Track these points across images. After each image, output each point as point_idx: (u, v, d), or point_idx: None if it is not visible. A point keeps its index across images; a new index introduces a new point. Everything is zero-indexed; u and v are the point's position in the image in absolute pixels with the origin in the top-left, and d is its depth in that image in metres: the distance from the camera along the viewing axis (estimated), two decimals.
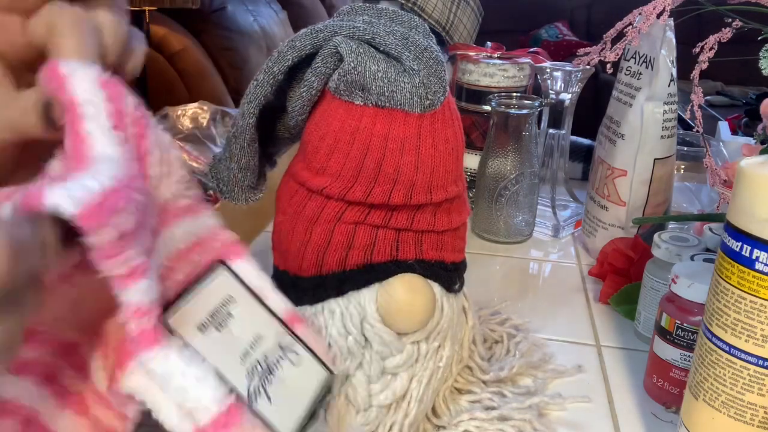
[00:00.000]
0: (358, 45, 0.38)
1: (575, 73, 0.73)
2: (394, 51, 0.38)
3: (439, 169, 0.39)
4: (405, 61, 0.38)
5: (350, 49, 0.37)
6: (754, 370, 0.33)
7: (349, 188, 0.39)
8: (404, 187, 0.39)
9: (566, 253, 0.73)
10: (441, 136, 0.39)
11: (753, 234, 0.32)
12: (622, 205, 0.66)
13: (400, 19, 0.41)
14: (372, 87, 0.38)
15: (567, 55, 3.33)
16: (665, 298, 0.46)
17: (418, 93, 0.38)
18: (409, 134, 0.38)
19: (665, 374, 0.46)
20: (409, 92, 0.38)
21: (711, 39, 0.57)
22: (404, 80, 0.38)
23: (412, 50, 0.38)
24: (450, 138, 0.40)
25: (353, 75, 0.37)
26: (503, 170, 0.71)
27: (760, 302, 0.32)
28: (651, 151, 0.64)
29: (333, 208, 0.40)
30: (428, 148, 0.39)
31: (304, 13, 2.82)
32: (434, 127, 0.39)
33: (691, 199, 0.84)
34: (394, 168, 0.38)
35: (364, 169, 0.38)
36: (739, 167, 0.33)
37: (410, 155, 0.38)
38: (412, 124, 0.38)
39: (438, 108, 0.39)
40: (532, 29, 3.88)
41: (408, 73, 0.38)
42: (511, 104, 0.71)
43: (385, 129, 0.38)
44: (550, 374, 0.50)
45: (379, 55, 0.38)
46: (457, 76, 0.81)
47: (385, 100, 0.38)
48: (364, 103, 0.38)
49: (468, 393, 0.46)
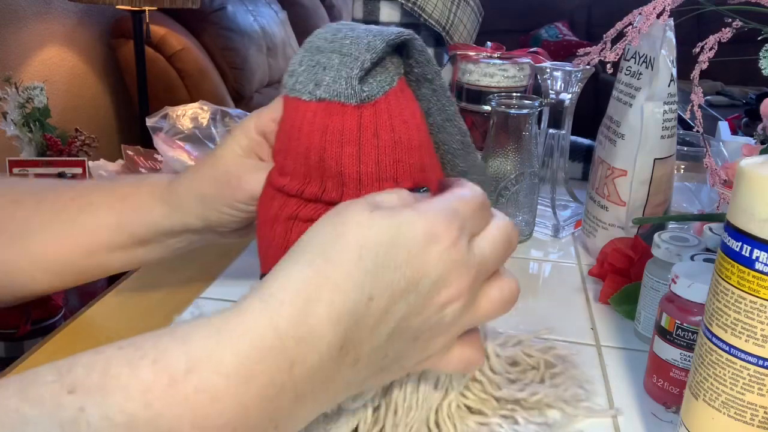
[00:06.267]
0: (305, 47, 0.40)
1: (575, 73, 0.73)
2: (337, 44, 0.39)
3: (385, 160, 0.38)
4: (345, 53, 0.38)
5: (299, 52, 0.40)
6: (754, 370, 0.33)
7: (305, 185, 0.39)
8: (352, 181, 0.38)
9: (566, 253, 0.73)
10: (385, 126, 0.38)
11: (753, 234, 0.32)
12: (622, 205, 0.66)
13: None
14: (301, 79, 0.38)
15: (567, 55, 3.33)
16: (665, 298, 0.46)
17: (351, 84, 0.37)
18: (348, 126, 0.38)
19: (665, 374, 0.46)
20: (345, 82, 0.37)
21: (711, 39, 0.57)
22: (342, 72, 0.38)
23: (350, 41, 0.38)
24: (397, 128, 0.39)
25: (293, 68, 0.39)
26: (503, 170, 0.71)
27: (760, 302, 0.32)
28: (651, 151, 0.64)
29: (291, 206, 0.39)
30: (370, 138, 0.38)
31: (304, 13, 2.81)
32: (378, 118, 0.38)
33: (691, 199, 0.84)
34: (335, 161, 0.38)
35: (311, 164, 0.38)
36: (739, 167, 0.33)
37: (351, 147, 0.38)
38: (351, 115, 0.38)
39: (380, 98, 0.38)
40: (532, 29, 3.88)
41: (345, 65, 0.38)
42: (511, 104, 0.71)
43: (324, 122, 0.38)
44: (582, 412, 0.44)
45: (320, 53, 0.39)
46: (457, 76, 0.81)
47: (323, 92, 0.38)
48: (309, 98, 0.38)
49: (478, 413, 0.43)
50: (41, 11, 1.85)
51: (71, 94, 1.98)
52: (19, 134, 1.44)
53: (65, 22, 1.95)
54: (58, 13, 1.92)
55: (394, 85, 0.39)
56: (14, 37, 1.75)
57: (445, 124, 0.43)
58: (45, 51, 1.87)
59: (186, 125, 1.23)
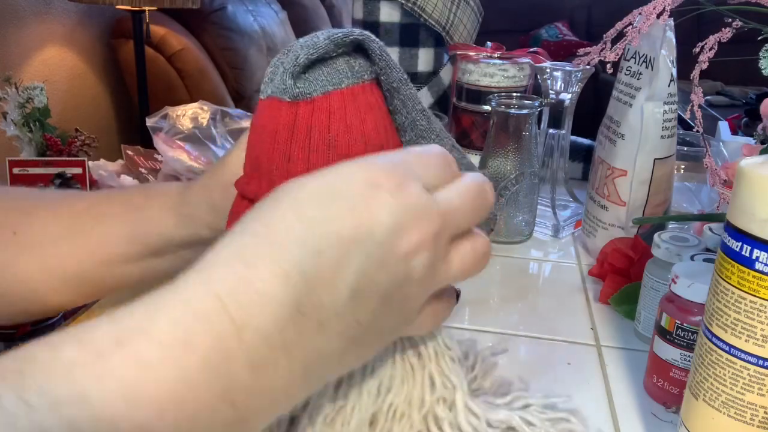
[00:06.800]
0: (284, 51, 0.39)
1: (575, 73, 0.73)
2: (299, 44, 0.37)
3: (316, 162, 0.36)
4: (292, 50, 0.37)
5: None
6: (754, 370, 0.33)
7: (247, 184, 0.38)
8: (281, 180, 0.35)
9: (566, 253, 0.73)
10: (321, 126, 0.36)
11: (753, 234, 0.32)
12: (622, 205, 0.66)
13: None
14: (266, 81, 0.37)
15: (567, 55, 3.33)
16: (665, 298, 0.46)
17: (283, 79, 0.36)
18: (282, 123, 0.36)
19: (665, 374, 0.46)
20: (280, 77, 0.36)
21: (711, 39, 0.57)
22: (285, 66, 0.36)
23: (305, 41, 0.37)
24: (335, 130, 0.36)
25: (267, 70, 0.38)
26: (503, 170, 0.71)
27: (760, 302, 0.32)
28: (651, 151, 0.64)
29: (242, 207, 0.38)
30: (302, 137, 0.36)
31: (304, 13, 2.81)
32: (313, 117, 0.36)
33: (691, 199, 0.84)
34: (267, 159, 0.36)
35: (252, 163, 0.37)
36: (739, 167, 0.33)
37: (282, 145, 0.36)
38: (286, 112, 0.36)
39: (319, 96, 0.36)
40: (532, 29, 3.88)
41: (281, 62, 0.37)
42: (511, 104, 0.71)
43: (263, 119, 0.37)
44: None
45: (286, 55, 0.38)
46: (457, 76, 0.81)
47: (269, 89, 0.37)
48: (263, 96, 0.37)
49: None
50: (41, 11, 1.85)
51: (71, 94, 1.98)
52: (19, 134, 1.43)
53: (65, 22, 1.95)
54: (58, 13, 1.92)
55: (341, 86, 0.37)
56: (14, 37, 1.75)
57: (419, 140, 0.40)
58: (45, 51, 1.87)
59: (186, 125, 1.24)
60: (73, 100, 1.99)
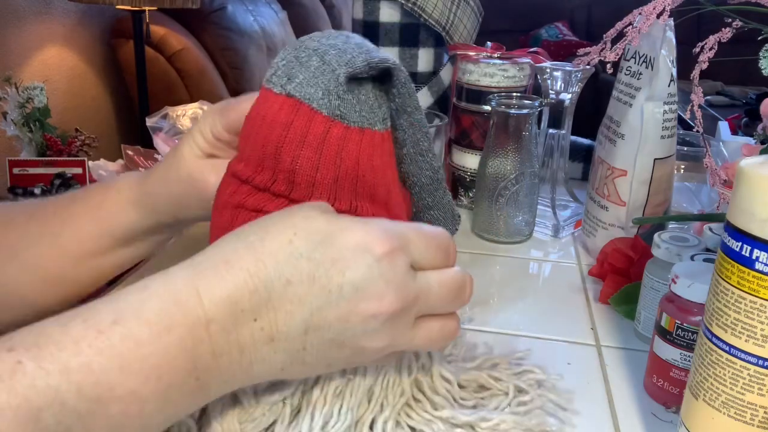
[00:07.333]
0: (293, 44, 0.40)
1: (575, 73, 0.73)
2: (322, 48, 0.39)
3: (344, 185, 0.39)
4: (327, 60, 0.38)
5: (287, 48, 0.40)
6: (754, 370, 0.33)
7: (257, 173, 0.39)
8: (305, 183, 0.38)
9: (566, 253, 0.73)
10: (351, 156, 0.38)
11: (753, 234, 0.32)
12: (622, 205, 0.66)
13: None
14: (279, 72, 0.39)
15: (567, 55, 3.34)
16: (665, 298, 0.46)
17: (329, 98, 0.38)
18: (314, 131, 0.38)
19: (665, 374, 0.46)
20: (323, 93, 0.38)
21: (711, 39, 0.57)
22: (320, 79, 0.38)
23: (336, 51, 0.39)
24: (364, 166, 0.39)
25: (275, 62, 0.39)
26: (503, 170, 0.71)
27: (760, 302, 0.32)
28: (651, 151, 0.64)
29: (241, 193, 0.40)
30: (332, 154, 0.38)
31: (304, 13, 2.81)
32: (345, 143, 0.38)
33: (691, 199, 0.84)
34: (291, 158, 0.38)
35: (267, 154, 0.39)
36: (739, 167, 0.33)
37: (311, 151, 0.38)
38: (319, 123, 0.38)
39: (354, 128, 0.38)
40: (532, 29, 3.88)
41: (323, 73, 0.38)
42: (511, 104, 0.71)
43: (289, 118, 0.38)
44: None
45: (303, 51, 0.39)
46: (457, 76, 0.81)
47: (293, 89, 0.38)
48: (280, 91, 0.39)
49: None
50: (41, 11, 1.85)
51: (71, 94, 1.98)
52: (19, 134, 1.43)
53: (65, 22, 1.95)
54: (58, 13, 1.92)
55: (375, 128, 0.39)
56: (14, 37, 1.74)
57: (417, 157, 0.44)
58: (45, 51, 1.87)
59: (186, 125, 1.23)
60: (73, 100, 1.99)
